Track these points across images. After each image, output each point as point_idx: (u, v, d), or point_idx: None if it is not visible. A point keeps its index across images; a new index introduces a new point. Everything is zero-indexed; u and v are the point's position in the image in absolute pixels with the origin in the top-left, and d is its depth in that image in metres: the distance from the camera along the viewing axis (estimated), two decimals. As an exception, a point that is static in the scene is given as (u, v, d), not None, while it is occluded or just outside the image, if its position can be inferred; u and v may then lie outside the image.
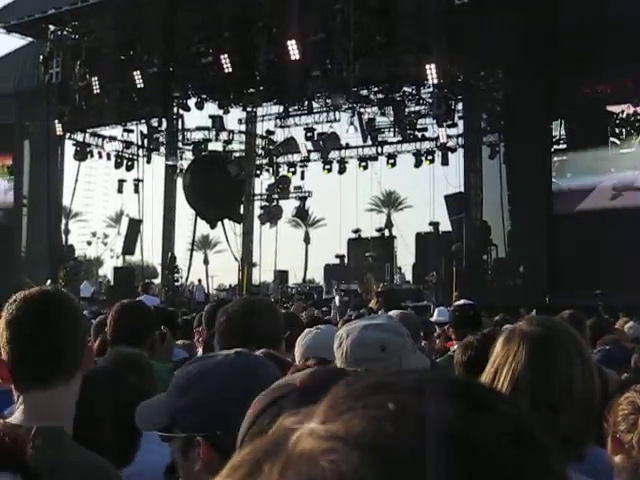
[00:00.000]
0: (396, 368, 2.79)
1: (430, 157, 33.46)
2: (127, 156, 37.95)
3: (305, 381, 1.38)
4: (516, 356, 2.43)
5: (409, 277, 34.67)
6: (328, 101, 33.39)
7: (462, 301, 7.91)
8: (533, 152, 24.94)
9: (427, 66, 26.54)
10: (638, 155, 23.82)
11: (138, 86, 31.63)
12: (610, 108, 24.40)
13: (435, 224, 34.17)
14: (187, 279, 39.59)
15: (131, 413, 2.29)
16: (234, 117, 38.01)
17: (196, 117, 44.23)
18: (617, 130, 24.21)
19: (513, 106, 25.96)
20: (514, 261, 25.95)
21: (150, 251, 42.60)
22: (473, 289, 23.75)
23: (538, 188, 24.64)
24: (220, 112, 35.86)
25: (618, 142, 24.27)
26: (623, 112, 24.18)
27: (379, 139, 35.19)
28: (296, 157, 37.57)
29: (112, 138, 37.67)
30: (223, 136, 37.50)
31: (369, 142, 35.13)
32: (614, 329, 10.52)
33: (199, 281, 39.53)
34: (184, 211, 40.38)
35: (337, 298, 27.44)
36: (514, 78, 25.59)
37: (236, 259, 39.54)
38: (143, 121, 36.87)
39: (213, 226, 38.91)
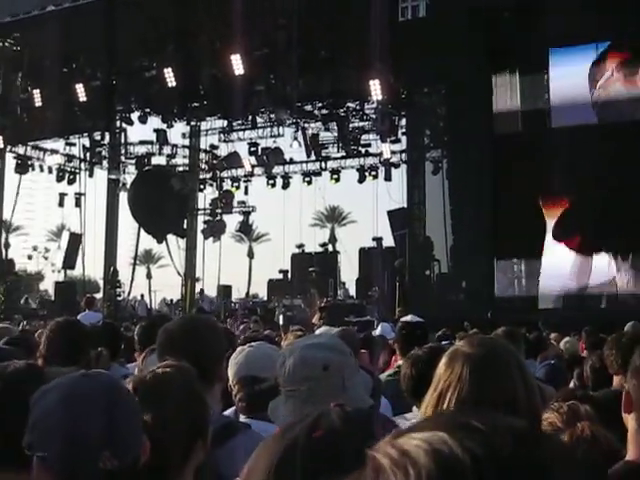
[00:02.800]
0: (339, 386, 2.80)
1: (374, 173, 33.65)
2: (69, 169, 37.60)
3: (319, 433, 1.37)
4: (460, 378, 2.44)
5: (352, 292, 34.74)
6: (272, 116, 33.42)
7: (409, 317, 7.82)
8: (476, 168, 25.13)
9: (371, 82, 26.68)
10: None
11: (81, 99, 31.35)
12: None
13: (378, 239, 34.28)
14: (129, 294, 39.30)
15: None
16: (178, 131, 37.84)
17: (139, 131, 43.98)
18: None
19: (456, 122, 26.18)
20: (457, 276, 26.14)
21: (92, 265, 42.26)
22: (416, 304, 23.84)
23: (481, 204, 24.83)
24: (164, 126, 35.70)
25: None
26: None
27: (323, 154, 35.24)
28: (240, 172, 37.49)
29: (54, 151, 37.31)
30: (166, 150, 37.29)
31: (313, 157, 35.16)
32: (549, 344, 10.67)
33: (142, 296, 39.29)
34: (126, 225, 40.12)
35: (281, 315, 27.46)
36: (457, 94, 25.80)
37: (179, 274, 39.34)
38: (85, 134, 36.55)
39: (160, 241, 38.65)
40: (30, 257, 64.69)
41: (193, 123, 37.66)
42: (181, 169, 38.89)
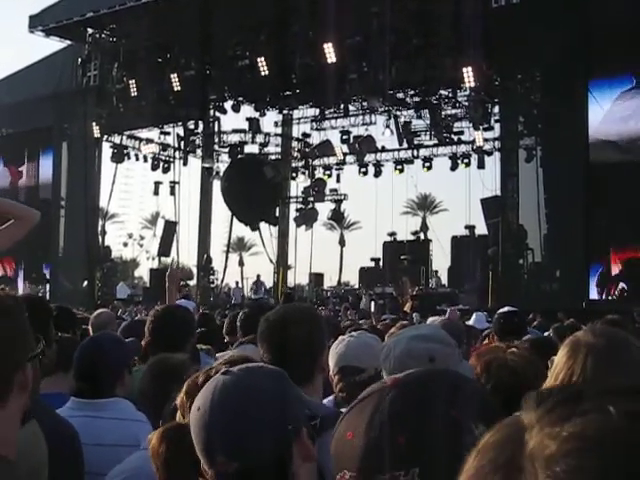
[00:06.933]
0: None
1: (466, 160, 33.36)
2: (164, 158, 38.13)
3: (399, 379, 1.35)
4: (583, 368, 2.41)
5: (444, 281, 34.57)
6: (364, 104, 33.39)
7: (506, 308, 7.83)
8: (570, 156, 24.77)
9: (464, 69, 26.46)
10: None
11: (175, 89, 31.79)
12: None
13: (471, 227, 34.04)
14: (222, 281, 39.74)
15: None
16: (270, 120, 38.07)
17: (232, 120, 44.20)
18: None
19: (550, 109, 25.81)
20: (550, 265, 25.82)
21: (186, 253, 42.79)
22: (509, 293, 23.65)
23: (575, 192, 24.47)
24: (256, 115, 35.88)
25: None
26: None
27: (415, 142, 35.02)
28: (332, 160, 37.55)
29: (149, 140, 37.87)
30: (259, 139, 37.54)
31: (405, 145, 34.98)
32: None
33: (236, 283, 39.63)
34: (220, 213, 40.54)
35: (372, 302, 27.43)
36: (551, 81, 25.43)
37: (271, 261, 39.61)
38: (180, 123, 37.02)
39: (254, 228, 38.91)
40: (126, 244, 66.28)
41: (286, 112, 37.81)
42: (273, 157, 39.11)
